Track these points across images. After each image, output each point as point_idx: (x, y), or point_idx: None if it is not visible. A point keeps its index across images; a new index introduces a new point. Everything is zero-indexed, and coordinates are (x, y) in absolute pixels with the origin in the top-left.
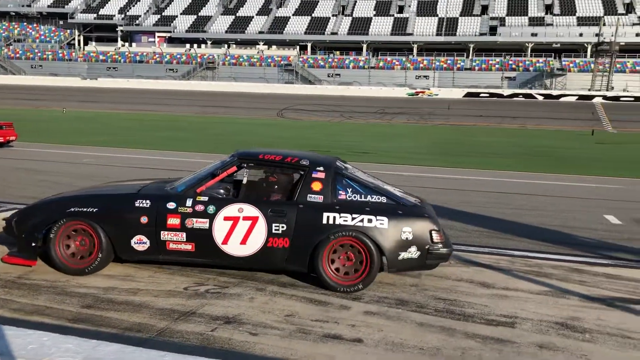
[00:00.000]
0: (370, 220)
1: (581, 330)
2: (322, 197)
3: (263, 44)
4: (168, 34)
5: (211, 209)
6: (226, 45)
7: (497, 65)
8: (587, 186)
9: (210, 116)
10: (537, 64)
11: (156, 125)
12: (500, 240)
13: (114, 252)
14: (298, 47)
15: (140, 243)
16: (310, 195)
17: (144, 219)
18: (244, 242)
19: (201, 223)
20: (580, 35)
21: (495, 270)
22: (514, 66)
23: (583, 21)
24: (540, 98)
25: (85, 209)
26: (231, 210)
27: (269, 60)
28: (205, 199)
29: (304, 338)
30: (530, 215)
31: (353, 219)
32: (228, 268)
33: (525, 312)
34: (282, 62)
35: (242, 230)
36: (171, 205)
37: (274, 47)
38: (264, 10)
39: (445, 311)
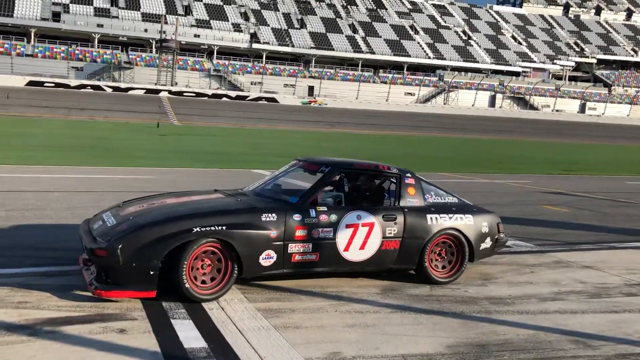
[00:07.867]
0: (462, 219)
1: None
2: (418, 200)
3: None
4: None
5: (333, 217)
6: None
7: (62, 54)
8: (120, 177)
9: None
10: (105, 56)
11: None
12: None
13: (240, 272)
14: None
15: (267, 258)
16: (409, 199)
17: (273, 233)
18: (362, 247)
19: (326, 232)
20: (146, 30)
21: None
22: (80, 56)
23: (147, 17)
24: (109, 90)
25: (213, 227)
26: (351, 217)
27: None
28: (325, 208)
29: None
30: (32, 216)
31: (450, 218)
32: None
33: None
34: None
35: (361, 236)
36: (297, 217)
37: None
38: None
39: None
